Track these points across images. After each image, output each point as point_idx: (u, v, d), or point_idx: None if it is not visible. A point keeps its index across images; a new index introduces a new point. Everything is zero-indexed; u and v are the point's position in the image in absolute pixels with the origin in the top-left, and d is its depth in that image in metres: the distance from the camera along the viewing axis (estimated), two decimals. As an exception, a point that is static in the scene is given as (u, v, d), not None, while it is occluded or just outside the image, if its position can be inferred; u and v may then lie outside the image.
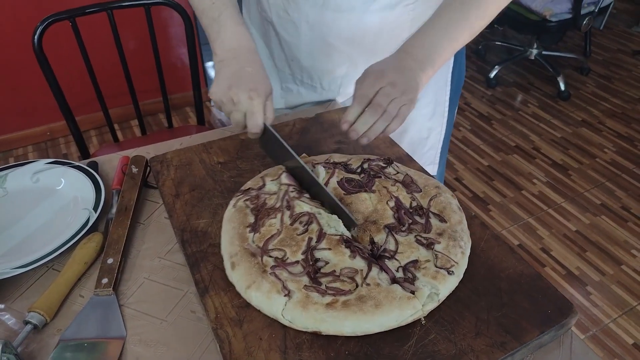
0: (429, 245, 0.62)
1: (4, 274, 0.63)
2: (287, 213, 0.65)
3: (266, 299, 0.55)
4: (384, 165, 0.74)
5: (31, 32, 1.31)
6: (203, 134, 0.95)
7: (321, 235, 0.62)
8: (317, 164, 0.75)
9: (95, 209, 0.72)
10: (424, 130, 1.04)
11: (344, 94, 0.99)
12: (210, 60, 3.19)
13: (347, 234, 0.64)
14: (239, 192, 0.70)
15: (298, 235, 0.62)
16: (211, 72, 3.08)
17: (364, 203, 0.69)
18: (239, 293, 0.58)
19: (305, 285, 0.56)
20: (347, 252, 0.60)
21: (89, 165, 0.81)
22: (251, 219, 0.65)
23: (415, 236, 0.63)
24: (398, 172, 0.73)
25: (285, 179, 0.70)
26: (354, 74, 0.88)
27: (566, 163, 2.28)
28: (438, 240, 0.62)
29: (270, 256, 0.60)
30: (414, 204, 0.68)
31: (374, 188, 0.70)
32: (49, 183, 0.79)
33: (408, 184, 0.71)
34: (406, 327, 0.55)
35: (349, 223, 0.65)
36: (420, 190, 0.70)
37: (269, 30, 0.98)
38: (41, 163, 0.81)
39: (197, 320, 0.60)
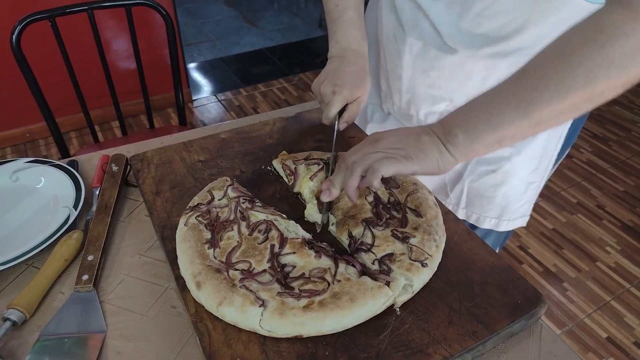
0: (404, 239, 0.64)
1: (-17, 272, 0.63)
2: (244, 224, 0.65)
3: (241, 312, 0.54)
4: (362, 162, 0.76)
5: (6, 32, 1.30)
6: (184, 132, 0.95)
7: (283, 240, 0.63)
8: (298, 160, 0.76)
9: (75, 207, 0.72)
10: (523, 185, 0.92)
11: None
12: (192, 62, 3.19)
13: (308, 236, 0.65)
14: (187, 209, 0.67)
15: (259, 244, 0.62)
16: (193, 74, 3.08)
17: (344, 199, 0.70)
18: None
19: (279, 292, 0.56)
20: (312, 253, 0.61)
21: (69, 164, 0.81)
22: (207, 235, 0.63)
23: (391, 230, 0.65)
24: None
25: (232, 192, 0.70)
26: None
27: (544, 163, 2.33)
28: (413, 234, 0.64)
29: (236, 269, 0.59)
30: (392, 199, 0.70)
31: (352, 184, 0.72)
32: (28, 182, 0.79)
33: (387, 180, 0.73)
34: (382, 318, 0.57)
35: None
36: (398, 187, 0.72)
37: (378, 52, 0.97)
38: (21, 162, 0.81)
39: (177, 315, 0.61)
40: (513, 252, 1.89)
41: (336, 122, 0.80)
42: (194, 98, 2.79)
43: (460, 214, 0.96)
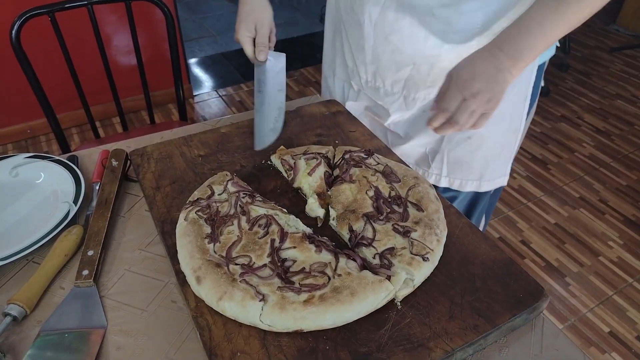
0: (405, 233, 0.63)
1: (-17, 267, 0.63)
2: (244, 218, 0.64)
3: (241, 307, 0.54)
4: (365, 156, 0.75)
5: (5, 27, 1.29)
6: (184, 127, 0.95)
7: (283, 235, 0.62)
8: (296, 155, 0.76)
9: (75, 202, 0.72)
10: (498, 146, 0.98)
11: (408, 98, 0.94)
12: (193, 57, 3.18)
13: (308, 230, 0.65)
14: (187, 204, 0.67)
15: (259, 238, 0.62)
16: (194, 69, 3.07)
17: (344, 193, 0.70)
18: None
19: (279, 287, 0.56)
20: (312, 247, 0.61)
21: (68, 159, 0.81)
22: (207, 230, 0.63)
23: (392, 224, 0.65)
24: (378, 163, 0.75)
25: (232, 186, 0.70)
26: (417, 78, 0.90)
27: (545, 157, 2.32)
28: (414, 228, 0.64)
29: (237, 264, 0.59)
30: (393, 193, 0.70)
31: (354, 178, 0.71)
32: (28, 177, 0.78)
33: (388, 174, 0.72)
34: (383, 312, 0.57)
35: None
36: (399, 181, 0.72)
37: (340, 30, 0.99)
38: (20, 157, 0.80)
39: (177, 310, 0.61)
40: (515, 247, 1.89)
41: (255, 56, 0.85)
42: (195, 93, 2.78)
43: (443, 182, 1.00)
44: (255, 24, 0.85)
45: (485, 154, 0.96)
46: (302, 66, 3.06)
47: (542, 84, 1.02)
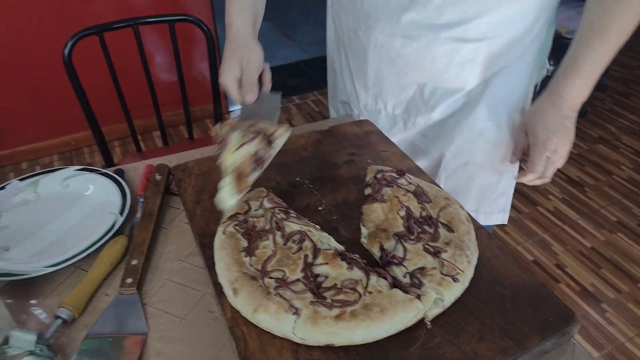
0: (435, 253, 0.64)
1: (37, 272, 0.67)
2: (279, 234, 0.67)
3: (275, 320, 0.56)
4: (397, 176, 0.77)
5: (57, 47, 1.38)
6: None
7: (316, 251, 0.64)
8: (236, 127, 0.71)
9: (121, 213, 0.76)
10: (495, 175, 0.99)
11: (408, 122, 0.96)
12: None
13: (340, 247, 0.66)
14: (225, 218, 0.70)
15: (293, 254, 0.64)
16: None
17: (376, 212, 0.72)
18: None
19: (312, 301, 0.57)
20: (344, 264, 0.62)
21: (115, 172, 0.86)
22: (244, 243, 0.66)
23: (423, 244, 0.66)
24: (410, 183, 0.76)
25: (268, 202, 0.72)
26: (419, 101, 0.94)
27: (582, 179, 2.27)
28: (445, 249, 0.65)
29: (271, 277, 0.61)
30: (424, 213, 0.71)
31: (385, 198, 0.73)
32: (78, 188, 0.84)
33: (419, 195, 0.74)
34: (412, 330, 0.58)
35: None
36: (431, 201, 0.73)
37: (340, 53, 1.03)
38: (71, 169, 0.86)
39: (214, 319, 0.64)
40: (549, 270, 1.85)
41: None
42: (230, 109, 2.86)
43: None
44: (241, 62, 0.77)
45: (482, 183, 0.99)
46: (334, 83, 3.10)
47: None
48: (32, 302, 0.66)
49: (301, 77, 3.27)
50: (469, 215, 0.73)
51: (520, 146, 0.89)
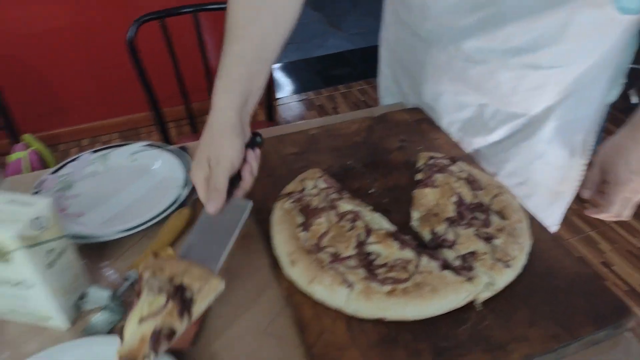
0: (487, 239, 0.65)
1: (108, 237, 0.73)
2: (333, 212, 0.69)
3: (329, 291, 0.59)
4: (449, 163, 0.78)
5: (120, 30, 1.45)
6: (277, 127, 1.03)
7: (368, 230, 0.66)
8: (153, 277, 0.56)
9: (184, 187, 0.81)
10: (552, 194, 0.95)
11: (463, 142, 0.91)
12: (277, 62, 3.33)
13: (392, 228, 0.68)
14: (282, 195, 0.74)
15: (346, 232, 0.66)
16: (277, 74, 3.21)
17: (426, 197, 0.73)
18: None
19: (364, 277, 0.60)
20: (396, 244, 0.64)
21: (180, 149, 0.91)
22: (300, 219, 0.69)
23: (474, 230, 0.67)
24: (462, 170, 0.77)
25: (322, 183, 0.75)
26: (478, 122, 0.89)
27: (638, 180, 2.18)
28: (497, 235, 0.66)
29: (325, 252, 0.64)
30: (476, 200, 0.72)
31: (437, 183, 0.74)
32: (144, 163, 0.89)
33: (471, 182, 0.74)
34: (462, 312, 0.59)
35: None
36: (483, 189, 0.74)
37: (395, 62, 1.01)
38: (139, 145, 0.91)
39: (270, 288, 0.67)
40: (595, 268, 1.80)
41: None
42: (277, 96, 2.91)
43: None
44: (209, 161, 0.64)
45: (537, 202, 0.92)
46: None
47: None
48: (104, 264, 0.72)
49: (348, 66, 3.29)
50: (522, 205, 0.73)
51: (594, 182, 0.82)
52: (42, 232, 0.56)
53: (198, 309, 0.55)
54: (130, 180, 0.86)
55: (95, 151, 0.91)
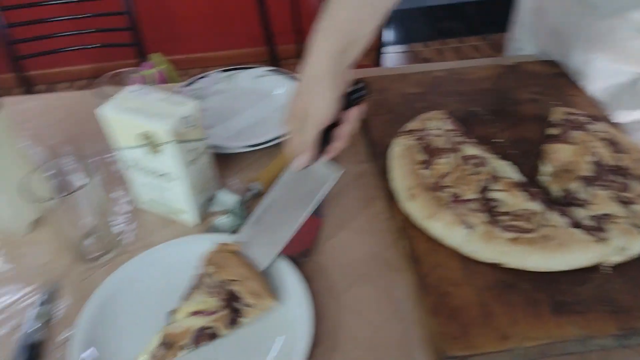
0: (625, 203, 0.60)
1: (234, 149, 0.77)
2: (456, 154, 0.67)
3: (448, 229, 0.59)
4: (589, 121, 0.72)
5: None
6: (401, 67, 1.00)
7: (494, 178, 0.64)
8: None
9: (305, 113, 0.83)
10: None
11: (610, 111, 0.81)
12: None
13: (522, 178, 0.65)
14: (403, 132, 0.72)
15: (470, 175, 0.64)
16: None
17: (559, 152, 0.69)
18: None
19: (486, 221, 0.59)
20: (524, 194, 0.61)
21: (301, 77, 0.93)
22: (421, 157, 0.68)
23: (611, 192, 0.62)
24: (603, 131, 0.71)
25: (447, 124, 0.72)
26: (629, 91, 0.81)
27: None
28: (637, 201, 0.61)
29: (446, 192, 0.63)
30: (616, 163, 0.66)
31: (573, 140, 0.69)
32: (267, 87, 0.92)
33: (613, 144, 0.69)
34: (586, 271, 0.56)
35: None
36: (625, 152, 0.68)
37: (538, 24, 0.96)
38: (263, 69, 0.94)
39: (382, 220, 0.69)
40: None
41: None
42: (384, 45, 2.84)
43: None
44: (299, 113, 0.58)
45: None
46: (497, 30, 2.89)
47: None
48: (230, 175, 0.77)
49: (462, 20, 3.10)
50: (667, 176, 0.66)
51: None
52: (189, 131, 0.60)
53: (244, 323, 0.55)
54: (254, 102, 0.90)
55: (223, 71, 0.95)
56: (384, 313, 0.58)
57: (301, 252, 0.64)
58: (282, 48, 2.24)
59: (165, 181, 0.64)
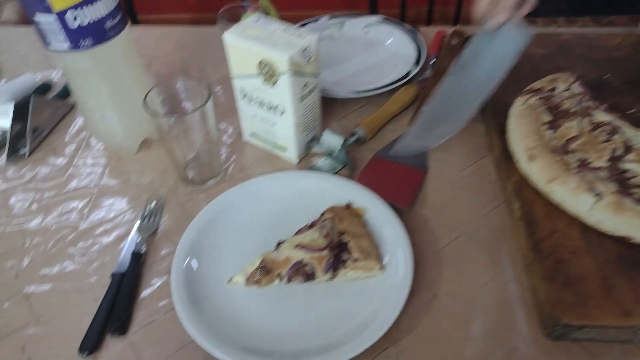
0: None
1: (341, 95, 0.76)
2: (586, 120, 0.61)
3: (572, 195, 0.54)
4: None
5: None
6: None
7: (627, 147, 0.58)
8: None
9: (415, 65, 0.80)
10: None
11: None
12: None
13: None
14: (526, 91, 0.68)
15: (600, 142, 0.59)
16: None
17: None
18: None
19: (617, 191, 0.53)
20: None
21: (412, 29, 0.89)
22: (546, 117, 0.63)
23: None
24: None
25: (577, 87, 0.66)
26: None
27: None
28: None
29: (572, 156, 0.58)
30: None
31: None
32: (377, 36, 0.89)
33: None
34: None
35: None
36: None
37: None
38: (374, 18, 0.91)
39: (489, 183, 0.65)
40: None
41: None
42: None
43: None
44: None
45: None
46: (614, 12, 2.61)
47: None
48: (333, 120, 0.76)
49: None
50: None
51: None
52: (306, 63, 0.59)
53: (343, 274, 0.53)
54: (362, 50, 0.88)
55: (332, 17, 0.93)
56: (486, 273, 0.55)
57: (404, 201, 0.62)
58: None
59: (274, 114, 0.64)
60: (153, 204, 0.64)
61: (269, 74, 0.60)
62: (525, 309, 0.51)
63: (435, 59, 0.83)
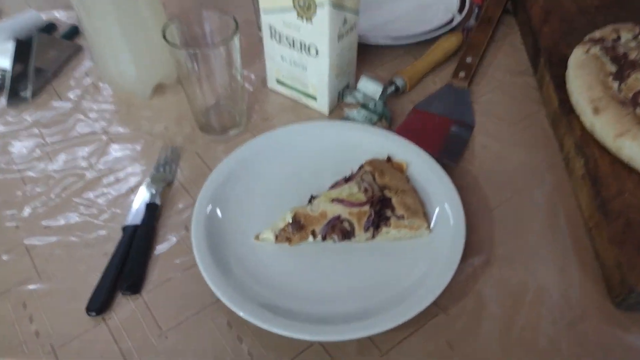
0: None
1: (378, 41, 0.68)
2: None
3: None
4: None
5: None
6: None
7: None
8: None
9: (459, 12, 0.72)
10: None
11: None
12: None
13: None
14: (587, 40, 0.61)
15: None
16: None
17: None
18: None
19: None
20: None
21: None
22: (612, 69, 0.56)
23: None
24: None
25: None
26: None
27: None
28: None
29: None
30: None
31: None
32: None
33: None
34: None
35: None
36: None
37: None
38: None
39: (544, 137, 0.58)
40: None
41: None
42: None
43: None
44: None
45: None
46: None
47: None
48: (368, 69, 0.69)
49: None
50: None
51: None
52: (347, -3, 0.52)
53: (385, 233, 0.47)
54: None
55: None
56: (543, 234, 0.49)
57: (449, 157, 0.55)
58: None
59: (307, 56, 0.57)
60: (169, 152, 0.58)
61: (305, 6, 0.52)
62: (590, 275, 0.46)
63: (479, 6, 0.76)
